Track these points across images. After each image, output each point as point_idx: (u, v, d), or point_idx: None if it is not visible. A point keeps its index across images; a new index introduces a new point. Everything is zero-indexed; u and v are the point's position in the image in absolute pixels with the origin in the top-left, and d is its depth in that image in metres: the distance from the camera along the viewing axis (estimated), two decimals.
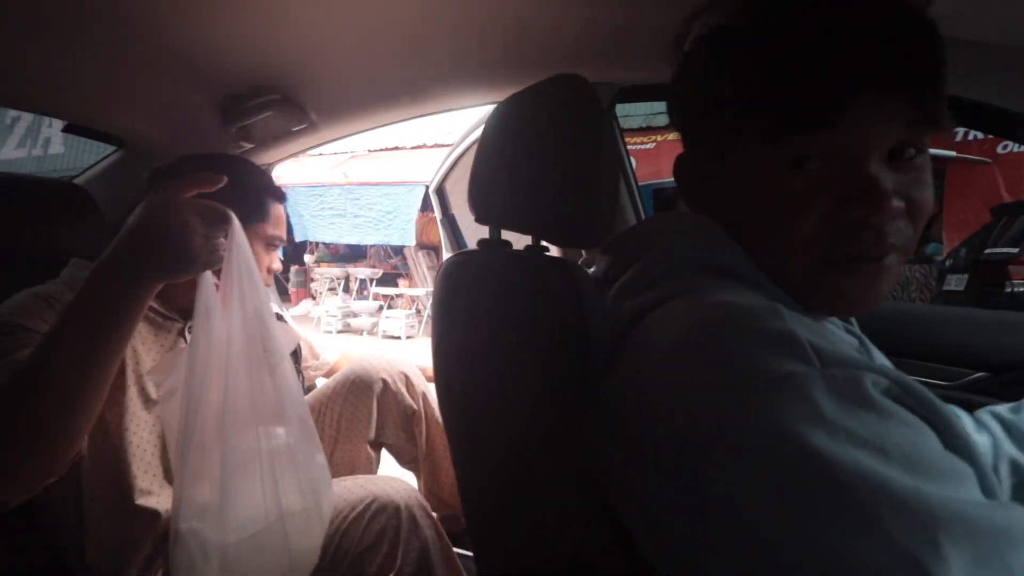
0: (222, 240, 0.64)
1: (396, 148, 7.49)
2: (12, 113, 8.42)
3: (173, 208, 0.57)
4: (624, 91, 0.97)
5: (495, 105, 0.63)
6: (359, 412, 1.11)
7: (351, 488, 0.88)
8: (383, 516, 0.83)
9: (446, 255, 1.86)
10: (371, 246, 7.19)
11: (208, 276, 0.65)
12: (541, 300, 0.53)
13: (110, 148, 1.32)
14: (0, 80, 0.95)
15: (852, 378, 0.30)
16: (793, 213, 0.39)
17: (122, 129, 1.22)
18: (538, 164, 0.54)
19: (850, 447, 0.27)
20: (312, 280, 7.61)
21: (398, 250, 7.20)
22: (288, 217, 1.00)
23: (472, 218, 0.61)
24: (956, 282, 3.96)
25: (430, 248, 6.81)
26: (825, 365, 0.30)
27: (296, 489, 0.71)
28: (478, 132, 0.96)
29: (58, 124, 1.24)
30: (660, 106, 6.74)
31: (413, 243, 6.57)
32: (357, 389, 1.12)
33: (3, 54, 0.87)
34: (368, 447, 1.12)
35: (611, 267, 0.49)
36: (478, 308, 0.49)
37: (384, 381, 1.12)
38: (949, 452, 0.30)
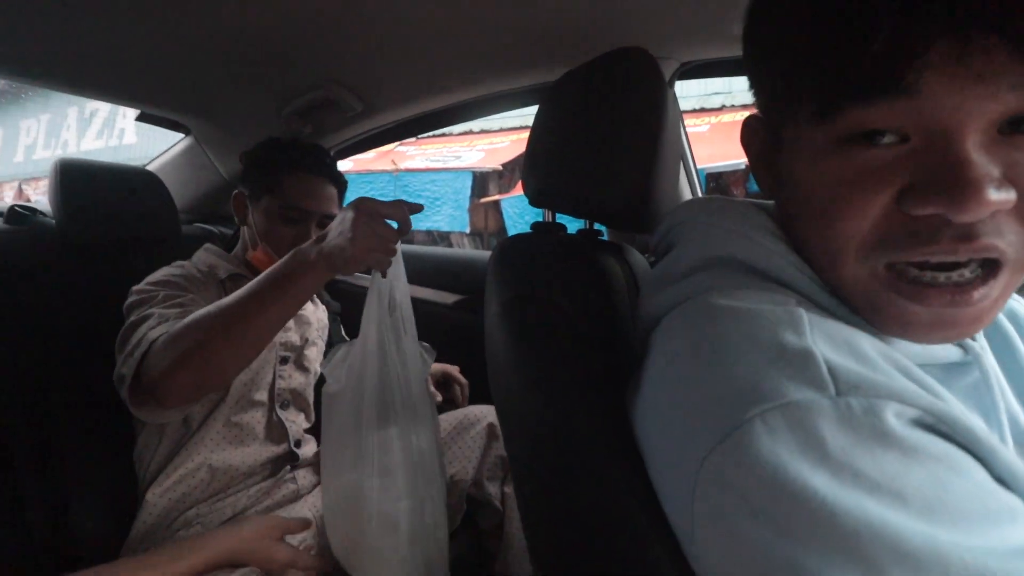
0: (395, 248, 0.70)
1: (444, 135, 7.55)
2: (90, 107, 9.04)
3: (360, 210, 0.66)
4: (687, 67, 0.92)
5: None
6: (460, 453, 0.98)
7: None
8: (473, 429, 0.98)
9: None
10: (418, 232, 7.31)
11: (377, 276, 0.71)
12: (598, 285, 0.51)
13: (177, 136, 1.38)
14: (83, 71, 1.01)
15: (870, 409, 0.26)
16: (846, 204, 0.31)
17: (189, 117, 1.28)
18: (597, 143, 0.52)
19: (858, 492, 0.24)
20: None
21: (444, 236, 7.28)
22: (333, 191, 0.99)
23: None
24: None
25: (476, 234, 6.85)
26: (841, 392, 0.27)
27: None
28: None
29: (131, 116, 1.31)
30: (715, 86, 6.45)
31: (466, 229, 6.63)
32: (461, 427, 1.00)
33: (87, 46, 0.92)
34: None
35: (657, 248, 0.47)
36: (530, 292, 0.48)
37: (491, 425, 1.00)
38: (994, 485, 0.26)
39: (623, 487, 0.39)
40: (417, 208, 0.71)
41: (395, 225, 0.69)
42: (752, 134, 0.40)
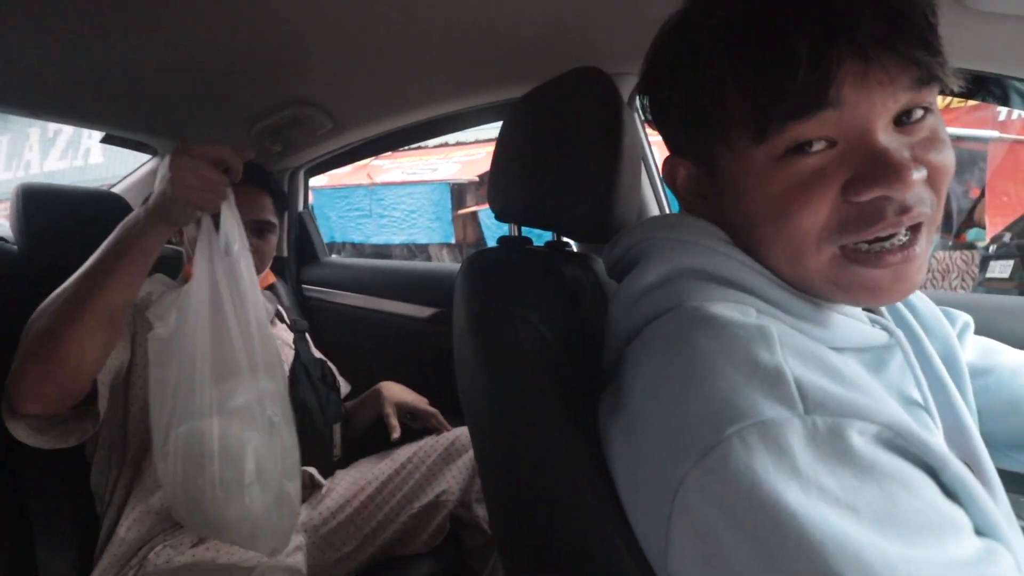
0: (223, 189, 0.67)
1: (419, 148, 7.55)
2: (54, 127, 8.79)
3: (177, 155, 0.64)
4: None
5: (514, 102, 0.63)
6: (449, 475, 0.96)
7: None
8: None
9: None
10: (396, 245, 7.28)
11: (208, 221, 0.68)
12: (564, 297, 0.53)
13: (144, 157, 1.37)
14: (44, 94, 1.00)
15: (834, 428, 0.29)
16: (800, 206, 0.36)
17: (156, 138, 1.26)
18: (558, 159, 0.54)
19: (822, 504, 0.27)
20: None
21: (423, 248, 7.26)
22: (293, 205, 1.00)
23: None
24: (1000, 269, 3.79)
25: (455, 246, 6.85)
26: (808, 410, 0.29)
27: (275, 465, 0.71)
28: None
29: (96, 136, 1.30)
30: None
31: (451, 240, 6.61)
32: (453, 450, 0.99)
33: (48, 70, 0.91)
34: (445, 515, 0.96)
35: (617, 264, 0.48)
36: (498, 306, 0.49)
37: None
38: (942, 500, 0.29)
39: (593, 499, 0.40)
40: (249, 155, 0.70)
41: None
42: (674, 171, 0.45)
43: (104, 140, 1.28)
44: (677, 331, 0.37)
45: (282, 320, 1.12)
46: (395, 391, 1.09)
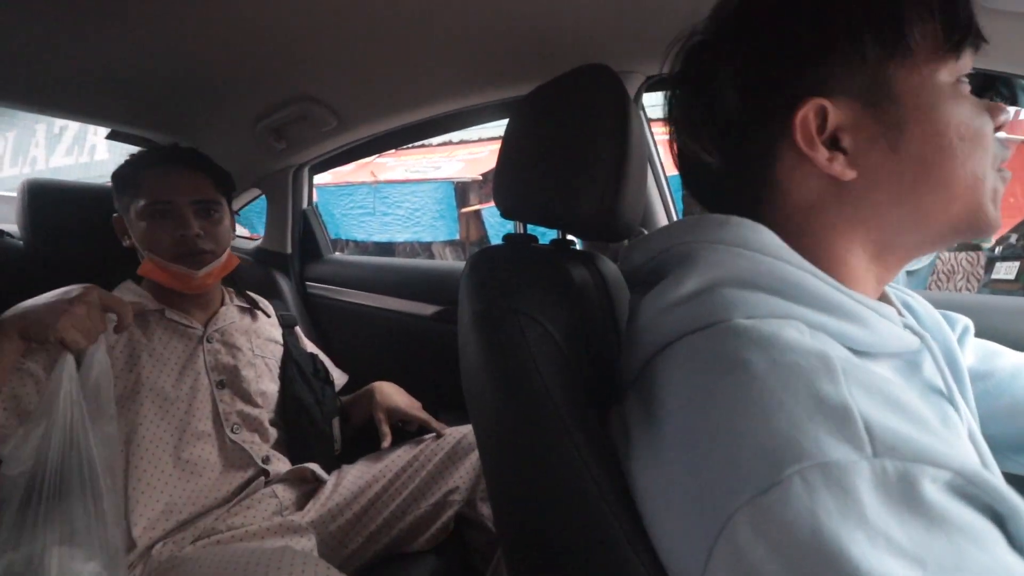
0: (97, 336, 0.69)
1: (423, 146, 7.55)
2: (60, 123, 8.83)
3: (83, 297, 0.68)
4: (653, 80, 0.95)
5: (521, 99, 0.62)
6: (456, 473, 0.96)
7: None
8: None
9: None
10: (399, 243, 7.29)
11: (70, 358, 0.67)
12: (569, 295, 0.52)
13: None
14: (49, 89, 1.00)
15: (905, 475, 0.27)
16: (987, 132, 0.37)
17: (161, 135, 1.27)
18: (564, 157, 0.54)
19: (888, 557, 0.25)
20: None
21: (426, 246, 7.27)
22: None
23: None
24: (1006, 270, 3.77)
25: (457, 244, 6.86)
26: (877, 452, 0.27)
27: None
28: None
29: (102, 132, 1.30)
30: None
31: (456, 237, 6.61)
32: (460, 448, 0.98)
33: (53, 65, 0.91)
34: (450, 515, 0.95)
35: (641, 268, 0.46)
36: (503, 303, 0.49)
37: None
38: (1009, 555, 0.27)
39: (598, 501, 0.39)
40: (139, 309, 0.75)
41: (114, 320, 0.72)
42: (807, 119, 0.38)
43: (109, 136, 1.28)
44: (726, 349, 0.34)
45: (266, 315, 1.11)
46: (387, 394, 1.08)
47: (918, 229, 0.40)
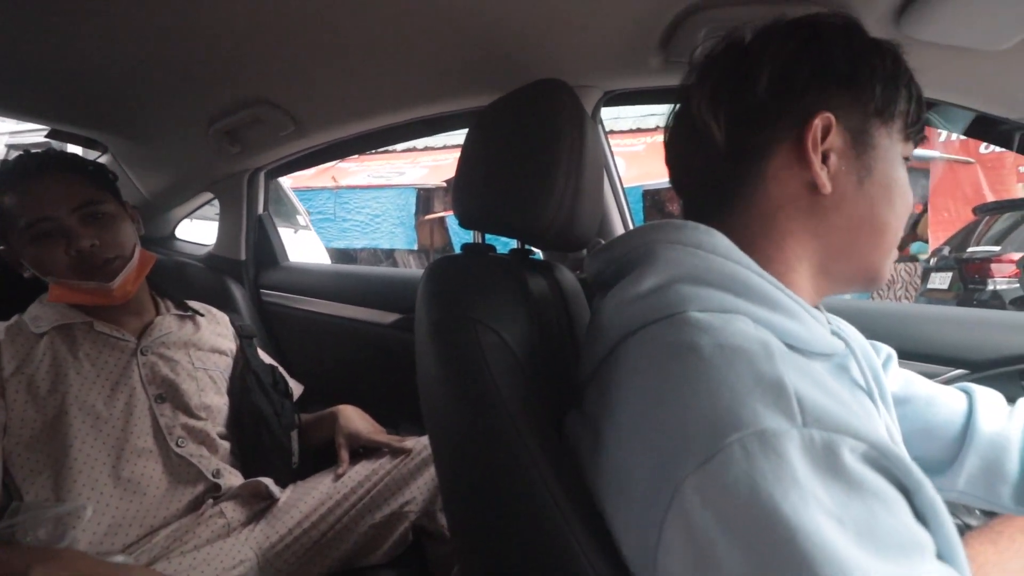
0: None
1: (386, 152, 7.47)
2: None
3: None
4: (611, 95, 0.97)
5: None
6: (414, 484, 0.94)
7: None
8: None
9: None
10: (360, 250, 7.17)
11: None
12: (527, 304, 0.53)
13: (93, 155, 1.30)
14: None
15: (829, 444, 0.30)
16: (907, 214, 0.46)
17: (106, 135, 1.21)
18: (521, 168, 0.55)
19: (819, 514, 0.28)
20: None
21: (388, 253, 7.18)
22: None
23: None
24: (940, 280, 4.02)
25: (421, 251, 6.80)
26: (807, 423, 0.31)
27: None
28: None
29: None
30: (651, 108, 6.76)
31: (413, 246, 6.54)
32: (420, 460, 0.96)
33: None
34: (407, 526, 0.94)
35: (603, 272, 0.49)
36: (460, 312, 0.49)
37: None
38: (913, 522, 0.31)
39: (553, 508, 0.40)
40: None
41: None
42: (825, 131, 0.43)
43: (49, 135, 1.21)
44: (680, 337, 0.37)
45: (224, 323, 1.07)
46: (351, 419, 1.04)
47: (847, 262, 0.46)
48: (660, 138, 0.53)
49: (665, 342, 0.38)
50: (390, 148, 7.55)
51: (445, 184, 6.33)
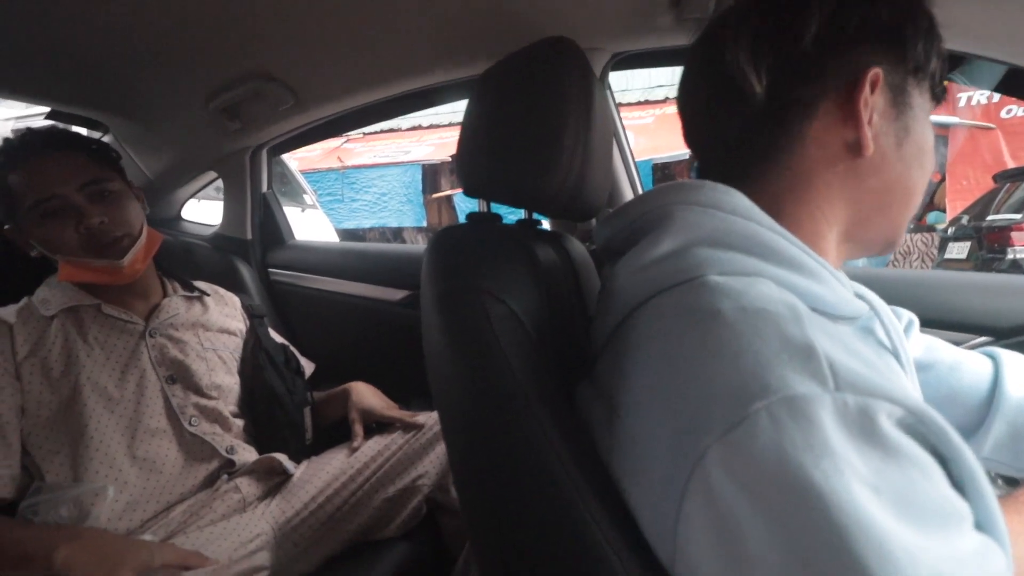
0: None
1: (392, 130, 7.41)
2: None
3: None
4: (619, 57, 0.94)
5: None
6: (427, 459, 0.95)
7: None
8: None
9: None
10: (369, 230, 7.17)
11: None
12: (535, 274, 0.51)
13: (94, 136, 1.29)
14: None
15: (864, 408, 0.28)
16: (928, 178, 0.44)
17: (107, 115, 1.20)
18: (527, 132, 0.52)
19: (854, 481, 0.26)
20: None
21: (397, 233, 7.17)
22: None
23: None
24: (958, 250, 3.94)
25: (429, 229, 6.79)
26: (839, 387, 0.28)
27: None
28: None
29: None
30: (659, 78, 6.61)
31: (423, 223, 6.53)
32: (432, 435, 0.97)
33: None
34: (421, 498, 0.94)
35: (615, 237, 0.46)
36: (466, 283, 0.47)
37: None
38: (951, 492, 0.29)
39: (565, 481, 0.39)
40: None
41: None
42: (871, 87, 0.40)
43: (50, 116, 1.20)
44: (699, 302, 0.35)
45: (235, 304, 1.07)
46: (364, 395, 1.05)
47: (874, 227, 0.45)
48: (669, 110, 0.51)
49: (684, 307, 0.36)
50: (395, 127, 7.48)
51: (450, 159, 6.27)
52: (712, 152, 0.47)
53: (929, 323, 0.82)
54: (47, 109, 1.17)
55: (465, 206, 6.01)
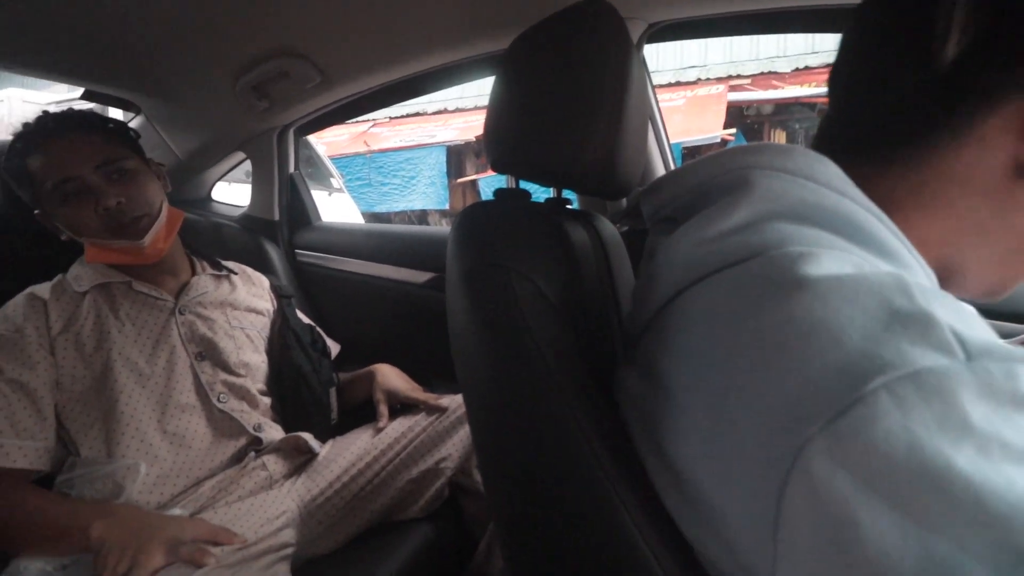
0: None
1: (418, 114, 7.40)
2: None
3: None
4: (655, 28, 0.89)
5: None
6: (450, 441, 0.95)
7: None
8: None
9: None
10: (396, 214, 7.23)
11: None
12: (564, 253, 0.49)
13: (127, 116, 1.31)
14: (21, 46, 0.94)
15: (1010, 373, 0.23)
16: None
17: (139, 95, 1.21)
18: (560, 101, 0.49)
19: (1005, 463, 0.22)
20: None
21: (422, 218, 7.21)
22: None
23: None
24: None
25: (453, 214, 6.80)
26: (973, 356, 0.24)
27: None
28: None
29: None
30: (690, 59, 6.41)
31: (445, 206, 6.55)
32: (455, 417, 0.96)
33: (26, 22, 0.85)
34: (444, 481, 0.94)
35: (667, 206, 0.41)
36: (492, 260, 0.45)
37: None
38: None
39: (594, 466, 0.37)
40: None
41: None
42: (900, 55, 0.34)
43: (84, 96, 1.22)
44: (781, 272, 0.29)
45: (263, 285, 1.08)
46: (389, 377, 1.05)
47: (991, 274, 0.38)
48: (701, 91, 0.46)
49: (760, 280, 0.30)
50: (421, 111, 7.46)
51: (475, 139, 6.24)
52: (847, 115, 0.39)
53: (986, 314, 0.77)
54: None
55: (490, 192, 6.00)
